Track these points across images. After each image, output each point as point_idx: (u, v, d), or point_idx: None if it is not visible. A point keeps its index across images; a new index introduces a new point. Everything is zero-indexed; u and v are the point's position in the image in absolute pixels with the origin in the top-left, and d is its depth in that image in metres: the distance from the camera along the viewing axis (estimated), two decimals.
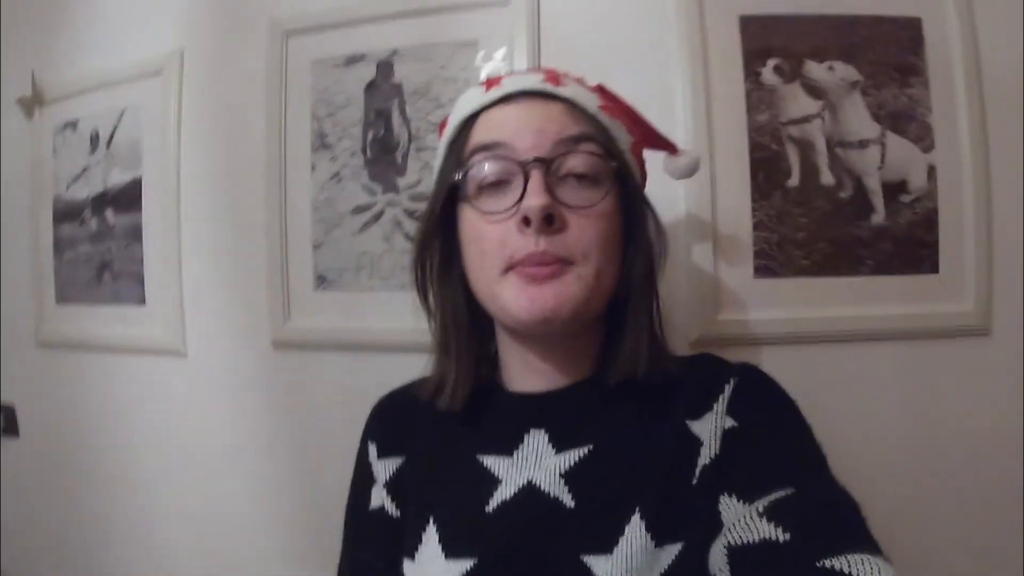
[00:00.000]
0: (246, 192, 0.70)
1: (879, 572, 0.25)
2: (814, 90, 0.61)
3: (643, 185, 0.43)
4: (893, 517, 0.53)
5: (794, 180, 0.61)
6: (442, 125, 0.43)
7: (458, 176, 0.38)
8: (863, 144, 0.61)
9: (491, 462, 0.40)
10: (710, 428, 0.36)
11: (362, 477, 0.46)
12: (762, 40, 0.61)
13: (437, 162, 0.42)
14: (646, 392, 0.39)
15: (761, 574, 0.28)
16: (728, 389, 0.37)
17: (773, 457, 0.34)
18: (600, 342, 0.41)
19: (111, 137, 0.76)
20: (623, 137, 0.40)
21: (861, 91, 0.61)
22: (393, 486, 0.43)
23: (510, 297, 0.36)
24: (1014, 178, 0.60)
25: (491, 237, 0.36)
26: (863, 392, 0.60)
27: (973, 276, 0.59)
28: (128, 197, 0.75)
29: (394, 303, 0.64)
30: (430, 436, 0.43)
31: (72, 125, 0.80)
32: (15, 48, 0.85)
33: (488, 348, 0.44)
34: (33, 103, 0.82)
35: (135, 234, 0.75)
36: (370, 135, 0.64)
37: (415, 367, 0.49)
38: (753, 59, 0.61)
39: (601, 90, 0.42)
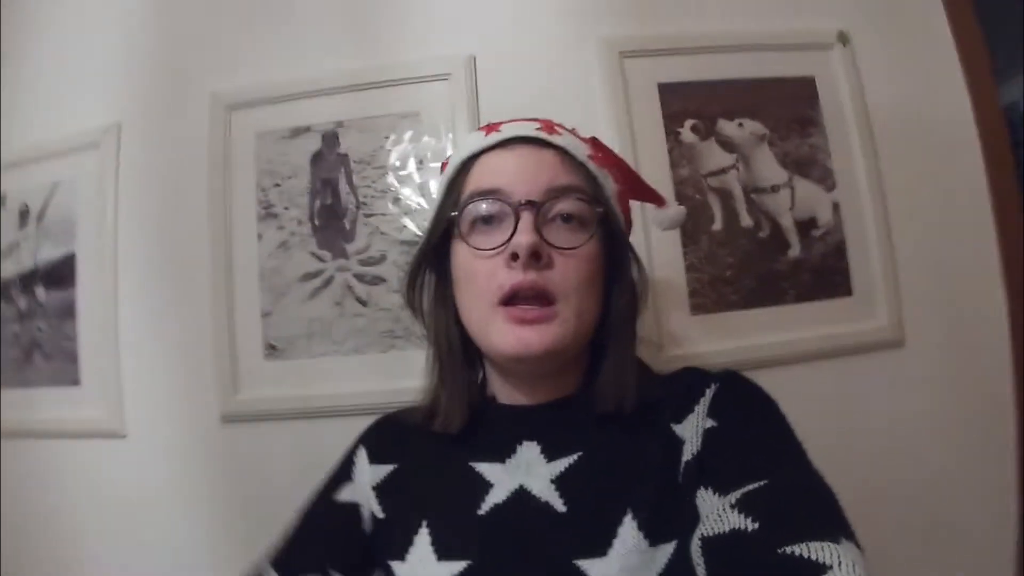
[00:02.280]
0: (189, 264, 0.71)
1: (838, 557, 0.27)
2: (728, 144, 0.71)
3: (628, 231, 0.47)
4: None
5: (718, 225, 0.69)
6: (443, 164, 0.47)
7: (454, 213, 0.42)
8: (775, 189, 0.71)
9: (484, 468, 0.42)
10: (692, 428, 0.39)
11: (338, 474, 0.48)
12: (679, 104, 0.70)
13: (436, 198, 0.46)
14: (630, 407, 0.41)
15: (729, 564, 0.30)
16: (709, 392, 0.40)
17: (748, 451, 0.36)
18: (583, 366, 0.45)
19: (42, 212, 0.76)
20: (609, 186, 0.45)
21: (768, 143, 0.71)
22: (383, 489, 0.45)
23: (498, 334, 0.40)
24: (908, 204, 0.71)
25: (481, 271, 0.40)
26: (797, 411, 0.66)
27: (883, 295, 0.69)
28: (60, 273, 0.75)
29: (348, 367, 0.66)
30: (424, 448, 0.45)
31: None
32: None
33: (477, 368, 0.47)
34: None
35: (68, 311, 0.74)
36: (317, 204, 0.68)
37: None
38: (672, 121, 0.70)
39: (594, 142, 0.47)
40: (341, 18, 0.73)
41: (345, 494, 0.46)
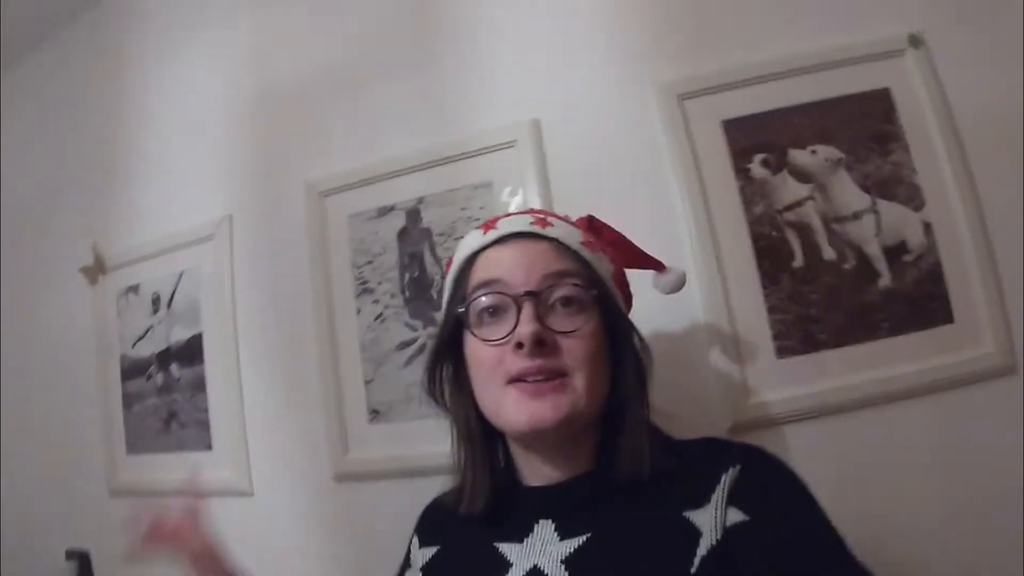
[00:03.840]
0: (298, 338, 0.81)
1: None
2: (801, 175, 0.69)
3: (629, 307, 0.52)
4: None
5: (798, 261, 0.68)
6: (448, 263, 0.53)
7: (461, 309, 0.47)
8: (857, 216, 0.68)
9: (505, 548, 0.46)
10: (711, 518, 0.40)
11: (403, 563, 0.55)
12: (745, 139, 0.71)
13: (444, 296, 0.51)
14: (645, 481, 0.43)
15: None
16: (726, 478, 0.41)
17: (792, 548, 0.37)
18: (597, 441, 0.48)
19: (171, 298, 0.90)
20: (604, 268, 0.49)
21: (845, 167, 0.69)
22: (428, 571, 0.51)
23: (511, 409, 0.43)
24: (1007, 216, 0.66)
25: (491, 357, 0.45)
26: (901, 451, 0.64)
27: (988, 318, 0.64)
28: (190, 352, 0.88)
29: (443, 428, 0.72)
30: (462, 529, 0.50)
31: (134, 289, 0.94)
32: (76, 220, 1.01)
33: (499, 452, 0.51)
34: (96, 271, 0.97)
35: (199, 385, 0.87)
36: (407, 277, 0.76)
37: None
38: (740, 157, 0.70)
39: (589, 223, 0.51)
40: (411, 102, 0.81)
41: None
